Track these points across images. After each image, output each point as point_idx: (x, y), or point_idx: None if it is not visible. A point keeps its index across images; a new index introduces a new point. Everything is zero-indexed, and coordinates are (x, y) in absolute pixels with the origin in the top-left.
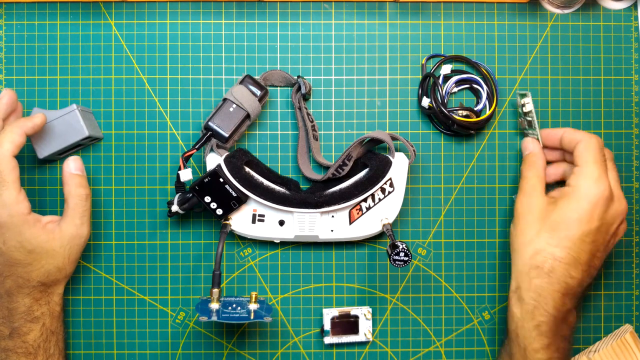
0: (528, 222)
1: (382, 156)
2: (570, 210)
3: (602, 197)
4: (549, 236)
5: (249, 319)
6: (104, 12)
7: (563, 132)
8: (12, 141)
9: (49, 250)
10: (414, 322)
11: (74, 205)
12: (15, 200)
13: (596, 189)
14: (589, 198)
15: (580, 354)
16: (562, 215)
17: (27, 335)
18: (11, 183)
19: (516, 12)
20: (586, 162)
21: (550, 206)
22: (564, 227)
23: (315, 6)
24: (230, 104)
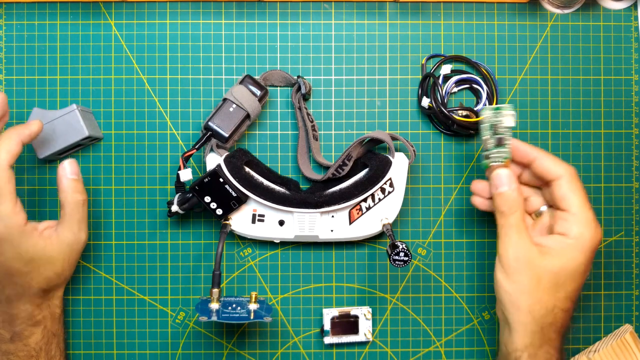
0: (525, 278)
1: (382, 156)
2: (575, 263)
3: (599, 240)
4: (555, 291)
5: (249, 319)
6: (104, 12)
7: (536, 156)
8: (9, 151)
9: (48, 257)
10: (414, 322)
11: (70, 212)
12: (12, 212)
13: (595, 235)
14: (591, 247)
15: (580, 354)
16: (567, 269)
17: (28, 338)
18: (7, 195)
19: (516, 12)
20: (577, 206)
21: (545, 257)
22: (570, 281)
23: (315, 6)
24: (230, 104)
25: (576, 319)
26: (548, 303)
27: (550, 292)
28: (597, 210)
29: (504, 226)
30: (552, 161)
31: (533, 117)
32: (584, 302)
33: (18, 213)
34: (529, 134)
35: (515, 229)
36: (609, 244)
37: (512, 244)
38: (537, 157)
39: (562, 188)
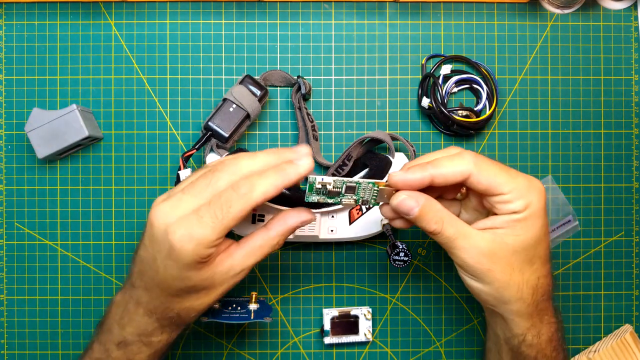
0: (494, 272)
1: (382, 156)
2: (535, 230)
3: (542, 190)
4: (531, 265)
5: (249, 319)
6: (104, 12)
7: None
8: (266, 191)
9: (208, 286)
10: (414, 322)
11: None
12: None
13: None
14: (541, 205)
15: (580, 354)
16: (530, 240)
17: (135, 355)
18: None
19: (516, 12)
20: (506, 183)
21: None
22: (539, 247)
23: (315, 6)
24: (230, 104)
25: (576, 318)
26: (530, 280)
27: (527, 269)
28: (597, 211)
29: (446, 242)
30: (450, 164)
31: (533, 117)
32: (584, 302)
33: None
34: (529, 134)
35: (458, 238)
36: (609, 244)
37: (465, 252)
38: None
39: (481, 181)
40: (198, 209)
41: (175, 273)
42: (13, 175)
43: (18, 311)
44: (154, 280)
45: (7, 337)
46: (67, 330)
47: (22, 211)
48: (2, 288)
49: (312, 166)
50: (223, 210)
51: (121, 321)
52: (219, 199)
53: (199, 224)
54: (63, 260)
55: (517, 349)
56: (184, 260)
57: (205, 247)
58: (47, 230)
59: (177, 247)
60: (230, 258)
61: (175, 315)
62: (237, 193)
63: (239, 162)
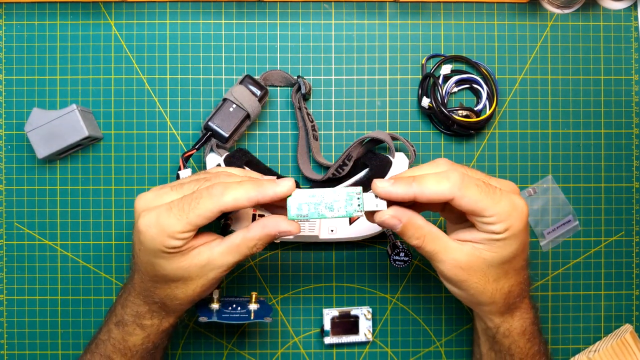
0: (470, 282)
1: (382, 156)
2: (512, 249)
3: (525, 211)
4: (505, 275)
5: (249, 319)
6: (104, 12)
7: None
8: (237, 199)
9: (183, 276)
10: (414, 322)
11: (240, 244)
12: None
13: (519, 214)
14: (521, 226)
15: (580, 354)
16: (507, 257)
17: (129, 335)
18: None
19: (516, 12)
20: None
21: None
22: (515, 261)
23: (315, 6)
24: (230, 104)
25: (576, 318)
26: (504, 287)
27: (501, 279)
28: (597, 211)
29: (427, 255)
30: (434, 185)
31: (533, 117)
32: (584, 302)
33: (178, 239)
34: (529, 134)
35: (438, 252)
36: (609, 244)
37: (444, 264)
38: (417, 193)
39: (462, 205)
40: (171, 202)
41: (147, 259)
42: (13, 175)
43: (18, 311)
44: (137, 265)
45: (7, 337)
46: (67, 330)
47: (22, 211)
48: (2, 288)
49: (292, 189)
50: (191, 206)
51: (123, 302)
52: (191, 194)
53: (166, 214)
54: (63, 260)
55: (492, 339)
56: (148, 246)
57: (168, 236)
58: (47, 230)
59: (142, 231)
60: (209, 252)
61: (159, 301)
62: (209, 192)
63: (230, 175)
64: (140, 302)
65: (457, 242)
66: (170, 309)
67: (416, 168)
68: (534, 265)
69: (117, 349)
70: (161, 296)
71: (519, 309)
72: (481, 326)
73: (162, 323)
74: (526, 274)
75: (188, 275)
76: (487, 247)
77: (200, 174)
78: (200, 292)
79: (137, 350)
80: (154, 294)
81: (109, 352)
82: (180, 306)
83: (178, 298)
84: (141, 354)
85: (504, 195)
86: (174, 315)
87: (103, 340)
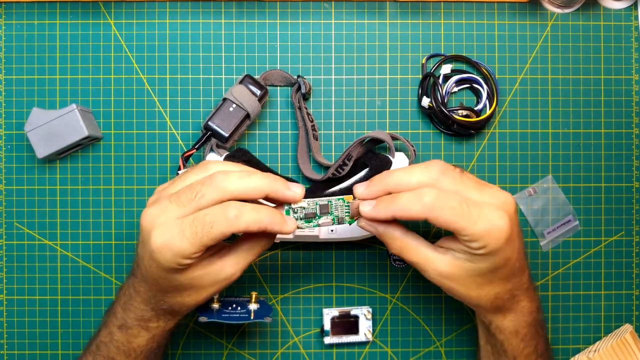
0: (454, 287)
1: (382, 156)
2: (498, 259)
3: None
4: (492, 287)
5: (249, 319)
6: (104, 12)
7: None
8: (249, 226)
9: (196, 285)
10: (414, 322)
11: (249, 248)
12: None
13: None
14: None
15: (580, 354)
16: (492, 267)
17: (133, 337)
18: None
19: (516, 12)
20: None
21: (464, 265)
22: (499, 274)
23: (315, 6)
24: (230, 103)
25: (576, 318)
26: (490, 294)
27: (485, 287)
28: (597, 210)
29: (411, 264)
30: (409, 205)
31: (533, 117)
32: (584, 302)
33: (193, 258)
34: (529, 134)
35: (419, 263)
36: (609, 244)
37: (428, 274)
38: (395, 214)
39: (437, 224)
40: (182, 221)
41: (159, 274)
42: (13, 175)
43: (18, 311)
44: (144, 276)
45: (7, 337)
46: (67, 330)
47: (22, 211)
48: (2, 288)
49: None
50: (204, 230)
51: (125, 306)
52: (204, 217)
53: (179, 237)
54: (63, 260)
55: (487, 332)
56: (162, 266)
57: (183, 258)
58: (47, 230)
59: (156, 253)
60: (221, 261)
61: (167, 308)
62: (224, 215)
63: (228, 179)
64: (145, 307)
65: (438, 251)
66: (178, 312)
67: (407, 168)
68: (534, 265)
69: (120, 350)
70: (171, 303)
71: (512, 310)
72: (479, 318)
73: (168, 324)
74: (519, 280)
75: (201, 284)
76: (467, 257)
77: (195, 169)
78: (209, 297)
79: (142, 350)
80: (163, 302)
81: (112, 354)
82: (188, 310)
83: (188, 305)
84: (145, 354)
85: (482, 215)
86: (180, 316)
87: (105, 342)
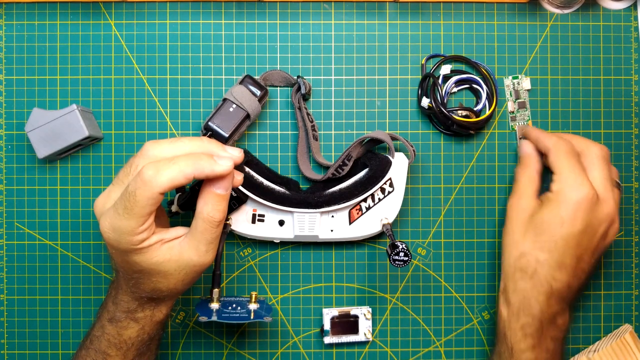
0: (516, 224)
1: (382, 156)
2: (553, 214)
3: (584, 200)
4: (534, 239)
5: (249, 319)
6: (104, 12)
7: (537, 136)
8: (172, 178)
9: (162, 272)
10: (414, 322)
11: (203, 230)
12: (132, 231)
13: (576, 194)
14: (569, 203)
15: (580, 354)
16: (546, 219)
17: (123, 329)
18: (139, 216)
19: (516, 12)
20: (560, 170)
21: (538, 209)
22: (547, 230)
23: (315, 6)
24: (230, 104)
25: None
26: (523, 247)
27: (529, 238)
28: None
29: (515, 181)
30: (546, 136)
31: (533, 117)
32: (584, 302)
33: (140, 233)
34: None
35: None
36: None
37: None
38: (538, 137)
39: (550, 158)
40: (115, 202)
41: (121, 259)
42: (13, 175)
43: (18, 311)
44: (115, 265)
45: (7, 337)
46: (67, 330)
47: (22, 211)
48: (2, 288)
49: (230, 170)
50: (131, 200)
51: (114, 299)
52: (127, 188)
53: (116, 216)
54: (63, 260)
55: None
56: (119, 249)
57: (128, 235)
58: (47, 230)
59: (105, 238)
60: (179, 246)
61: (145, 295)
62: (142, 179)
63: (157, 146)
64: (129, 298)
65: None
66: (157, 300)
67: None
68: None
69: (112, 343)
70: (146, 290)
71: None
72: None
73: (155, 314)
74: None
75: (165, 270)
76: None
77: None
78: (183, 285)
79: (133, 342)
80: (140, 289)
81: (104, 348)
82: (168, 297)
83: (162, 291)
84: (137, 346)
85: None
86: (165, 305)
87: (97, 336)
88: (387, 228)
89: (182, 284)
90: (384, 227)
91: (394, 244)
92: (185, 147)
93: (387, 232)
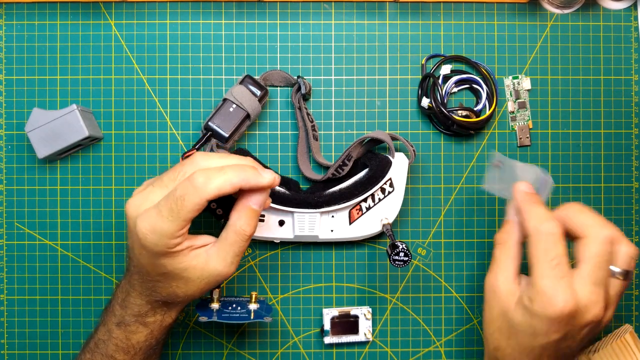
0: (491, 313)
1: (382, 156)
2: (527, 325)
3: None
4: (508, 337)
5: (249, 319)
6: (104, 12)
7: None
8: (221, 186)
9: (184, 277)
10: (414, 322)
11: (232, 242)
12: (170, 235)
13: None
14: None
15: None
16: (520, 327)
17: (132, 334)
18: (181, 220)
19: (516, 12)
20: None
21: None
22: (521, 335)
23: (315, 6)
24: (230, 104)
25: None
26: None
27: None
28: (597, 210)
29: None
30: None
31: (533, 117)
32: None
33: (177, 237)
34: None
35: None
36: None
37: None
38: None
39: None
40: (159, 202)
41: (149, 261)
42: (13, 175)
43: (18, 311)
44: (136, 267)
45: (7, 337)
46: (67, 330)
47: (22, 211)
48: (2, 288)
49: (275, 182)
50: (178, 204)
51: (123, 303)
52: (174, 192)
53: (159, 218)
54: (63, 260)
55: None
56: (152, 250)
57: (168, 238)
58: (47, 230)
59: (142, 238)
60: (207, 254)
61: (161, 299)
62: (192, 185)
63: (206, 157)
64: (141, 302)
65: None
66: (171, 304)
67: None
68: None
69: (119, 347)
70: (163, 294)
71: None
72: None
73: (165, 318)
74: None
75: (188, 277)
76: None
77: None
78: (200, 292)
79: (141, 347)
80: (156, 293)
81: (111, 352)
82: (181, 303)
83: (179, 296)
84: (144, 350)
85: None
86: (175, 310)
87: (103, 340)
88: (387, 228)
89: (200, 291)
90: (384, 227)
91: (394, 244)
92: (233, 160)
93: (387, 232)
